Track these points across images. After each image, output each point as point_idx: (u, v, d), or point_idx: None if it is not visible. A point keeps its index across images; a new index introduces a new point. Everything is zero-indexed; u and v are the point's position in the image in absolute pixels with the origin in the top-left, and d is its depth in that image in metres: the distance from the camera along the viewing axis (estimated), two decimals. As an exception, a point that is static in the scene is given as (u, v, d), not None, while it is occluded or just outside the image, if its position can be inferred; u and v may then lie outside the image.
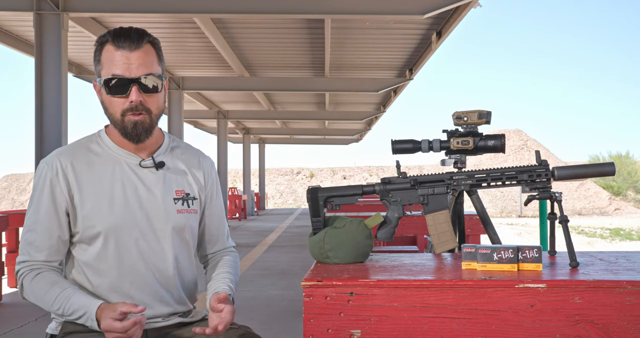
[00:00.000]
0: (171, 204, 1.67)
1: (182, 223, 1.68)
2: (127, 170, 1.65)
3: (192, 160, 1.77)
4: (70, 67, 10.33)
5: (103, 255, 1.61)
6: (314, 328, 1.46)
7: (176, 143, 1.78)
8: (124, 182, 1.63)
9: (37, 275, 1.59)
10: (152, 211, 1.64)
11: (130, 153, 1.66)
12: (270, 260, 8.26)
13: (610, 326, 1.42)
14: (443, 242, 1.85)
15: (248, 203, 20.26)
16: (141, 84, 1.57)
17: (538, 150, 1.87)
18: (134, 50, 1.57)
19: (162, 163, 1.68)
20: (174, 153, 1.75)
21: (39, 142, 5.91)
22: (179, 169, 1.73)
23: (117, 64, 1.56)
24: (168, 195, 1.67)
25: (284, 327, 4.30)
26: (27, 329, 4.36)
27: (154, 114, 1.62)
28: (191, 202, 1.71)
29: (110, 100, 1.59)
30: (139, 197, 1.63)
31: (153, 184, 1.66)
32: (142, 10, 6.37)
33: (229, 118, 16.27)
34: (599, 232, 21.65)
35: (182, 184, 1.71)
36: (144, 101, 1.59)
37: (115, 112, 1.60)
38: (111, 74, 1.57)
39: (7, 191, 42.34)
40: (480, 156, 8.33)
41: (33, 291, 1.58)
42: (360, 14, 6.43)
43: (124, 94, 1.57)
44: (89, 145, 1.67)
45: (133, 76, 1.56)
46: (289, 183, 42.15)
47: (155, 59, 1.61)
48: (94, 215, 1.59)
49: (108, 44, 1.58)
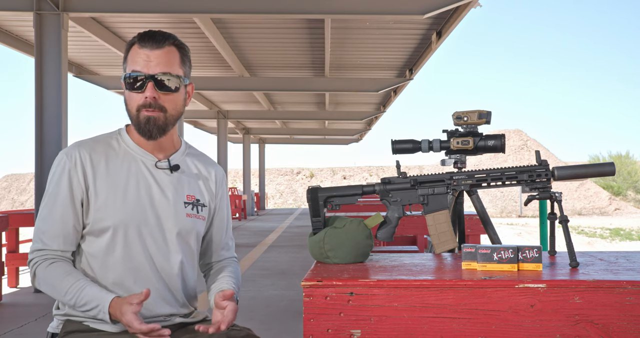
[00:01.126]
0: (181, 207, 1.70)
1: (190, 227, 1.70)
2: (142, 169, 1.68)
3: (206, 168, 1.81)
4: (70, 67, 10.33)
5: (111, 248, 1.62)
6: (314, 328, 1.46)
7: (192, 150, 1.82)
8: (138, 180, 1.66)
9: (51, 264, 1.60)
10: (162, 211, 1.67)
11: (148, 153, 1.70)
12: (270, 260, 8.26)
13: (610, 326, 1.42)
14: (443, 242, 1.85)
15: (248, 203, 20.26)
16: (157, 80, 1.61)
17: (538, 150, 1.87)
18: (154, 49, 1.62)
19: (177, 166, 1.71)
20: (190, 159, 1.78)
21: (39, 142, 5.91)
22: (193, 175, 1.76)
23: (138, 61, 1.61)
24: (179, 198, 1.70)
25: (284, 327, 4.30)
26: (27, 329, 4.36)
27: (169, 113, 1.65)
28: (200, 208, 1.74)
29: (130, 95, 1.63)
30: (151, 196, 1.66)
31: (166, 186, 1.69)
32: (142, 10, 6.37)
33: (229, 118, 16.27)
34: (599, 232, 21.65)
35: (194, 190, 1.74)
36: (159, 98, 1.62)
37: (132, 108, 1.64)
38: (131, 70, 1.61)
39: (7, 191, 42.35)
40: (480, 156, 8.34)
41: (46, 280, 1.59)
42: (360, 14, 6.43)
43: (140, 90, 1.61)
44: (109, 141, 1.70)
45: (150, 73, 1.60)
46: (289, 183, 42.16)
47: (178, 61, 1.65)
48: (106, 208, 1.61)
49: (135, 45, 1.64)
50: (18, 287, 6.28)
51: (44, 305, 5.17)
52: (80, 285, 1.56)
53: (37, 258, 1.61)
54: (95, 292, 1.55)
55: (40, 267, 1.60)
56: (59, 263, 1.60)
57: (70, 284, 1.56)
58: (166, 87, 1.62)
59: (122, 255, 1.62)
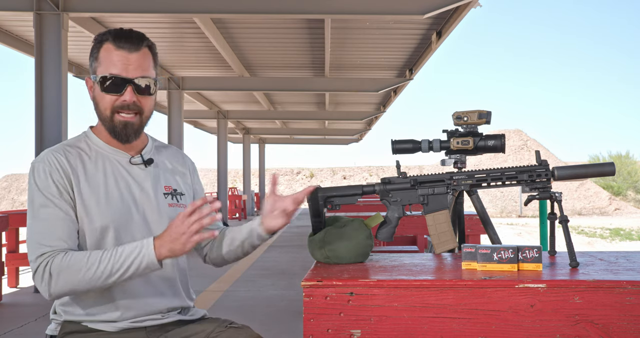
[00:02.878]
0: (162, 199, 1.72)
1: (174, 216, 1.68)
2: (118, 167, 1.69)
3: (176, 158, 1.85)
4: (70, 67, 10.33)
5: (101, 248, 1.61)
6: (314, 328, 1.46)
7: (159, 143, 1.85)
8: (116, 178, 1.67)
9: (66, 254, 1.53)
10: (146, 206, 1.68)
11: (120, 150, 1.71)
12: (270, 260, 8.26)
13: (610, 326, 1.42)
14: (443, 242, 1.85)
15: (248, 204, 20.27)
16: (136, 84, 1.62)
17: (538, 150, 1.87)
18: (133, 52, 1.62)
19: (150, 160, 1.73)
20: (160, 152, 1.81)
21: (39, 142, 5.91)
22: (166, 167, 1.79)
23: (116, 64, 1.61)
24: (158, 190, 1.72)
25: (284, 327, 4.30)
26: (27, 329, 4.36)
27: (145, 115, 1.68)
28: (179, 197, 1.76)
29: (103, 96, 1.63)
30: (132, 192, 1.67)
31: (143, 180, 1.70)
32: (142, 10, 6.38)
33: (229, 118, 16.27)
34: (599, 232, 21.65)
35: (169, 181, 1.77)
36: (138, 101, 1.64)
37: (105, 109, 1.64)
38: (108, 73, 1.61)
39: (7, 191, 42.34)
40: (480, 156, 8.33)
41: (69, 266, 1.50)
42: (360, 14, 6.43)
43: (118, 93, 1.62)
44: (78, 145, 1.70)
45: (130, 76, 1.61)
46: (289, 184, 42.15)
47: (152, 63, 1.67)
48: (91, 210, 1.60)
49: (107, 43, 1.62)
50: (18, 287, 6.28)
51: (44, 305, 5.17)
52: (112, 250, 1.52)
53: (47, 259, 1.53)
54: (131, 244, 1.52)
55: (55, 261, 1.51)
56: (75, 252, 1.54)
57: (99, 255, 1.51)
58: (144, 90, 1.64)
59: None
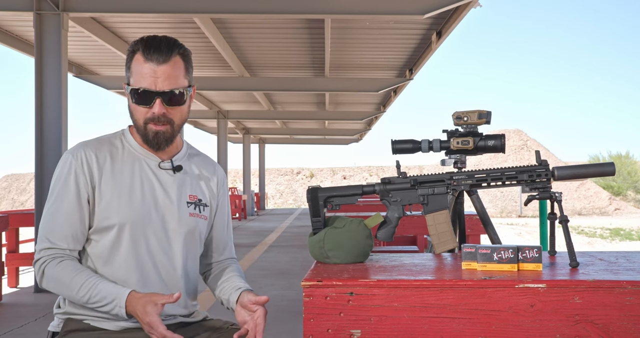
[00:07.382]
0: (184, 207, 1.71)
1: (193, 226, 1.71)
2: (146, 169, 1.69)
3: (207, 168, 1.83)
4: (70, 67, 10.33)
5: (116, 247, 1.62)
6: (314, 328, 1.46)
7: (194, 151, 1.84)
8: (142, 180, 1.68)
9: (60, 262, 1.59)
10: (166, 211, 1.68)
11: (151, 153, 1.71)
12: (270, 260, 8.26)
13: (610, 326, 1.42)
14: (443, 242, 1.85)
15: (248, 203, 20.27)
16: (165, 97, 1.61)
17: (538, 150, 1.87)
18: (161, 64, 1.60)
19: (179, 166, 1.72)
20: (192, 160, 1.80)
21: (39, 142, 5.90)
22: (195, 175, 1.78)
23: (145, 77, 1.60)
24: (182, 198, 1.71)
25: (284, 327, 4.30)
26: (27, 329, 4.36)
27: (177, 124, 1.67)
28: (202, 208, 1.76)
29: (135, 107, 1.64)
30: (155, 196, 1.67)
31: (169, 186, 1.70)
32: (142, 10, 6.37)
33: (229, 118, 16.27)
34: (599, 232, 21.65)
35: (195, 190, 1.76)
36: (167, 113, 1.63)
37: (138, 119, 1.65)
38: (138, 86, 1.61)
39: (7, 191, 42.35)
40: (480, 156, 8.33)
41: (57, 278, 1.58)
42: (360, 14, 6.43)
43: (148, 105, 1.62)
44: (112, 141, 1.71)
45: (158, 89, 1.60)
46: (289, 183, 42.15)
47: (183, 71, 1.65)
48: (111, 206, 1.62)
49: (138, 53, 1.62)
50: (18, 287, 6.28)
51: (44, 305, 5.18)
52: (94, 281, 1.56)
53: (45, 257, 1.60)
54: (110, 287, 1.55)
55: (50, 266, 1.59)
56: (68, 262, 1.60)
57: (83, 280, 1.56)
58: (174, 101, 1.63)
59: (127, 254, 1.62)
